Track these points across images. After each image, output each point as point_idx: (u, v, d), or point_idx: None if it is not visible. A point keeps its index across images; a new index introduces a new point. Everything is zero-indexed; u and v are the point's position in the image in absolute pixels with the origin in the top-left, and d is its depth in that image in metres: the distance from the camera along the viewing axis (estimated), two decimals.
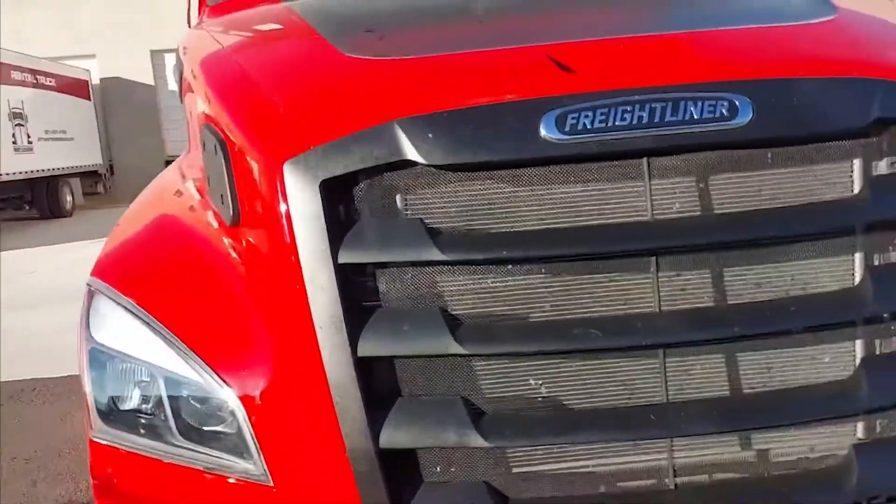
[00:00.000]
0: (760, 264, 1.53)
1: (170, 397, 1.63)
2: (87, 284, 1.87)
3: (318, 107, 1.58)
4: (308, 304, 1.45)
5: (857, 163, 1.56)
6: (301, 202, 1.46)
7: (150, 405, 1.66)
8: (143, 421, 1.66)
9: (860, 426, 1.55)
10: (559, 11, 1.95)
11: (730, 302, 1.51)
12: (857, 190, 1.56)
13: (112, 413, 1.69)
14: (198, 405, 1.62)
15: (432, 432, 1.44)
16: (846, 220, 1.55)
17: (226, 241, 1.73)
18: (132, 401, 1.68)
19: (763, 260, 1.53)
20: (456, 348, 1.43)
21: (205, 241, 1.82)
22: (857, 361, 1.54)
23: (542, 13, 1.97)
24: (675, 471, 1.51)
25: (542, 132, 1.43)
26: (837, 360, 1.55)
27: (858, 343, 1.55)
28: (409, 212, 1.49)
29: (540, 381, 1.49)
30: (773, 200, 1.52)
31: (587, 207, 1.49)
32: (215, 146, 1.69)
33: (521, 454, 1.52)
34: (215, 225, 1.79)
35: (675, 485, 1.50)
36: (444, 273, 1.49)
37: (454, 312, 1.48)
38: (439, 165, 1.46)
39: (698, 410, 1.47)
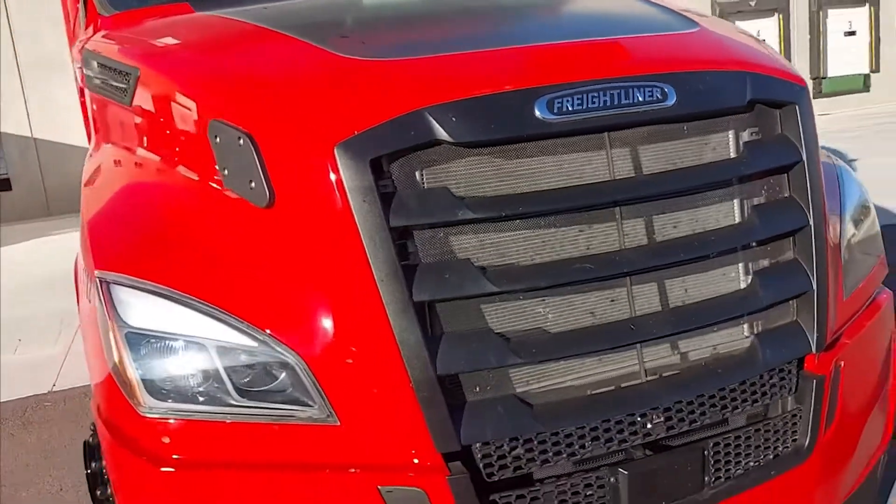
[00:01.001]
0: (683, 209, 2.06)
1: (222, 363, 1.81)
2: (98, 278, 1.97)
3: (349, 99, 1.86)
4: (367, 262, 1.73)
5: (732, 133, 2.15)
6: (355, 178, 1.74)
7: (202, 374, 1.82)
8: (198, 389, 1.82)
9: (758, 320, 2.14)
10: (488, 20, 2.37)
11: (667, 238, 2.02)
12: (733, 153, 2.15)
13: (162, 388, 1.83)
14: (251, 365, 1.82)
15: (478, 358, 1.79)
16: (729, 174, 2.13)
17: (239, 217, 1.93)
18: (182, 373, 1.83)
19: (685, 206, 2.06)
20: (490, 288, 1.79)
21: (205, 217, 2.00)
22: (751, 274, 2.13)
23: (472, 20, 2.38)
24: (645, 372, 1.99)
25: (537, 113, 1.84)
26: (739, 274, 2.13)
27: (751, 262, 2.14)
28: (439, 181, 1.82)
29: (548, 309, 1.90)
30: (687, 161, 2.06)
31: (570, 171, 1.92)
32: (239, 139, 1.88)
33: (535, 373, 1.91)
34: (216, 203, 1.98)
35: (646, 381, 1.98)
36: (469, 231, 1.84)
37: (481, 261, 1.84)
38: (461, 143, 1.81)
39: (658, 319, 1.96)
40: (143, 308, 1.88)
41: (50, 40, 19.88)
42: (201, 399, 1.82)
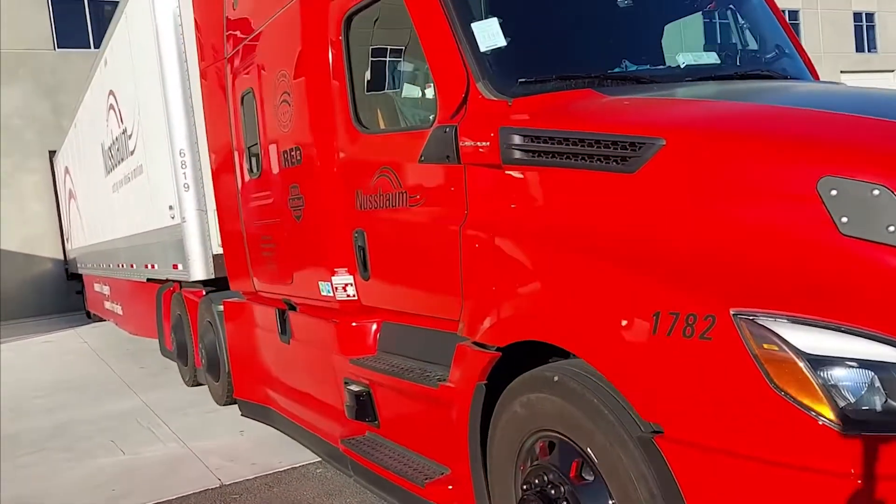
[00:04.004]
0: None
1: None
2: (741, 318, 2.14)
3: None
4: None
5: None
6: None
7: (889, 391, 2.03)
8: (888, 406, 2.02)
9: None
10: None
11: None
12: None
13: (852, 407, 2.02)
14: None
15: None
16: None
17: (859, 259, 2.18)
18: (872, 392, 2.03)
19: None
20: None
21: (809, 258, 2.22)
22: None
23: None
24: None
25: None
26: None
27: None
28: None
29: None
30: None
31: None
32: (873, 191, 2.17)
33: None
34: (825, 248, 2.23)
35: None
36: None
37: None
38: None
39: None
40: (810, 338, 2.09)
41: None
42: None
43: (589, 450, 2.64)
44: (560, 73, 3.30)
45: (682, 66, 3.59)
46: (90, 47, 20.18)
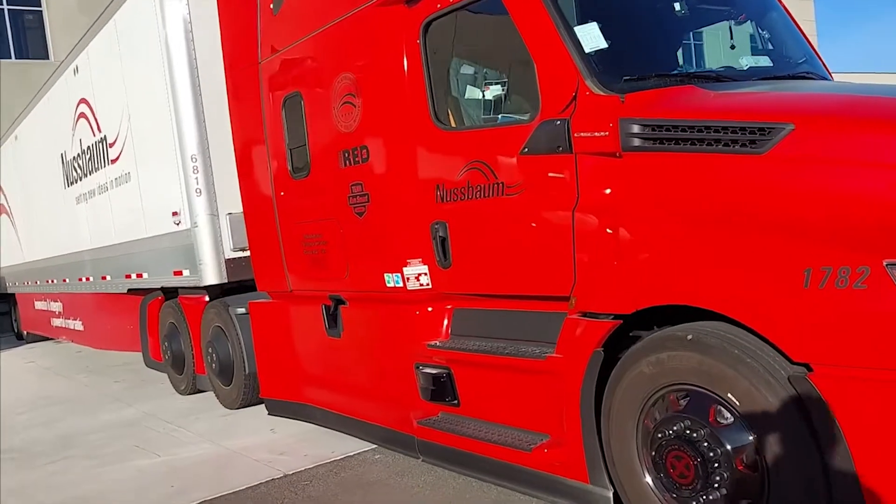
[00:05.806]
0: None
1: None
2: (894, 267, 2.59)
3: None
4: None
5: None
6: None
7: None
8: None
9: None
10: None
11: None
12: None
13: None
14: None
15: None
16: None
17: None
18: None
19: None
20: None
21: None
22: None
23: None
24: None
25: None
26: None
27: None
28: None
29: None
30: None
31: None
32: None
33: None
34: None
35: None
36: None
37: None
38: None
39: None
40: None
41: None
42: None
43: (730, 395, 3.01)
44: (654, 72, 3.73)
45: (745, 68, 4.09)
46: (11, 57, 19.48)
